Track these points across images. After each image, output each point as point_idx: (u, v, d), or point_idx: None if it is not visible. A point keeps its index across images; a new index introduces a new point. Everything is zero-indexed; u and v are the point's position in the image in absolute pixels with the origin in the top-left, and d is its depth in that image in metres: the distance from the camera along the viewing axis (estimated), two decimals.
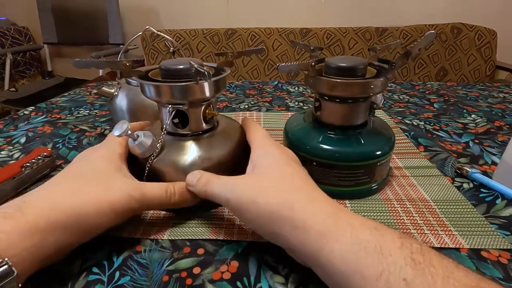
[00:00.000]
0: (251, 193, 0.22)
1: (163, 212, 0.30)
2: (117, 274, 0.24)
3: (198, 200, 0.27)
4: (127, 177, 0.26)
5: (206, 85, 0.27)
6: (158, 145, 0.28)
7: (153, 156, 0.28)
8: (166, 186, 0.26)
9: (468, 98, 0.63)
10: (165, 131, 0.28)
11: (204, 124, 0.30)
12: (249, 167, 0.26)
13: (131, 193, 0.24)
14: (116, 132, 0.26)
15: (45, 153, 0.36)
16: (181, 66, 0.27)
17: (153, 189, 0.26)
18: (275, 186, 0.22)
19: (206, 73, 0.24)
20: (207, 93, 0.28)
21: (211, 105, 0.30)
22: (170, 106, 0.28)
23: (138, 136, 0.27)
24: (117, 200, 0.23)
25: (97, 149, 0.28)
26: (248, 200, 0.22)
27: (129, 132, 0.26)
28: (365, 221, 0.19)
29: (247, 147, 0.29)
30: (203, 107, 0.29)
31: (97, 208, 0.22)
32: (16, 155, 0.42)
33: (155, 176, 0.28)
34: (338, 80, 0.28)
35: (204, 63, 0.30)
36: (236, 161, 0.29)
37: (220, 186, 0.24)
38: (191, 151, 0.29)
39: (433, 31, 0.25)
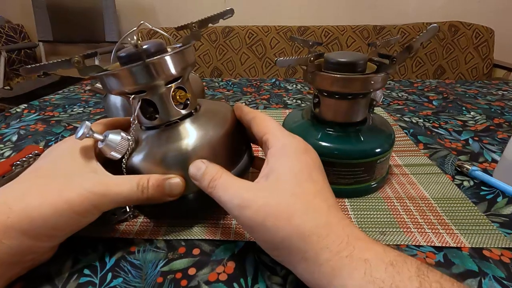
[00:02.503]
0: (261, 213, 0.19)
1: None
2: (109, 275, 0.23)
3: (180, 194, 0.25)
4: (95, 172, 0.24)
5: (155, 64, 0.23)
6: (131, 142, 0.25)
7: (126, 155, 0.25)
8: (139, 179, 0.23)
9: (467, 95, 0.63)
10: (133, 125, 0.25)
11: (176, 110, 0.26)
12: (264, 168, 0.22)
13: (92, 189, 0.22)
14: (77, 134, 0.23)
15: (36, 151, 0.35)
16: (130, 51, 0.23)
17: (121, 183, 0.23)
18: (288, 209, 0.19)
19: (142, 51, 0.22)
20: (160, 73, 0.24)
21: (183, 87, 0.26)
22: (131, 96, 0.25)
23: (105, 136, 0.24)
24: (75, 198, 0.21)
25: (62, 143, 0.26)
26: (255, 223, 0.19)
27: (92, 133, 0.23)
28: (382, 252, 0.18)
29: (238, 130, 0.27)
30: (171, 91, 0.25)
31: (53, 208, 0.21)
32: (7, 154, 0.41)
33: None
34: (338, 76, 0.27)
35: (172, 45, 0.27)
36: (221, 147, 0.26)
37: (226, 195, 0.21)
38: (162, 144, 0.25)
39: (435, 24, 0.25)
